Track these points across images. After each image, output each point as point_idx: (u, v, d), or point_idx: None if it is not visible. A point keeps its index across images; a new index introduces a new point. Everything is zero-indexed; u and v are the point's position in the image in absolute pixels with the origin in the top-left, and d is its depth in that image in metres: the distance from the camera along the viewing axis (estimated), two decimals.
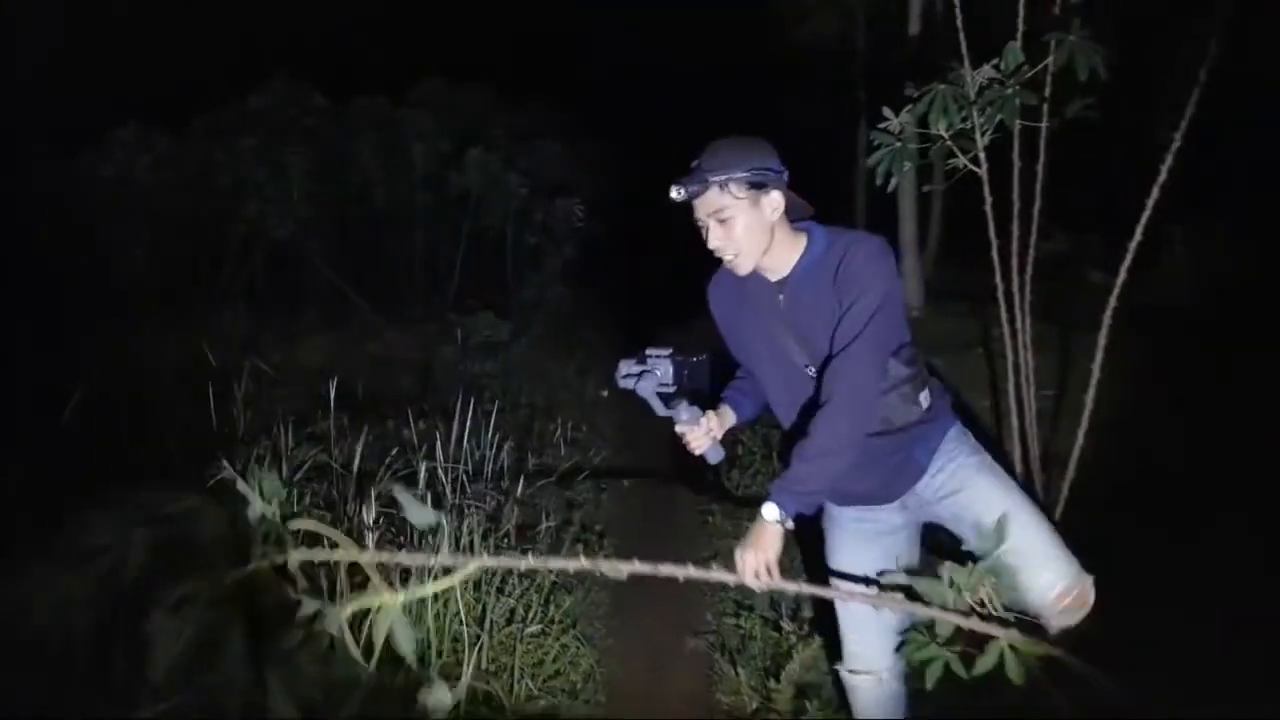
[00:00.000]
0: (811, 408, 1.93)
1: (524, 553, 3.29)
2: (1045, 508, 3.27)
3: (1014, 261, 3.44)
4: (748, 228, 1.91)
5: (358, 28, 12.67)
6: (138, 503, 2.13)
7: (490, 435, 4.12)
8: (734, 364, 2.23)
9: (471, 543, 3.09)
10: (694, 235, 2.00)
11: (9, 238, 7.22)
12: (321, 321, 7.66)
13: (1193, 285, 4.00)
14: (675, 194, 1.90)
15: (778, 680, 2.81)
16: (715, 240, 1.93)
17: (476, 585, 2.91)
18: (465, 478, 3.51)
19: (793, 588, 1.84)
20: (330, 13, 11.98)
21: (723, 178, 1.87)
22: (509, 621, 2.92)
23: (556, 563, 1.73)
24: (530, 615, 2.99)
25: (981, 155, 3.15)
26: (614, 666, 3.06)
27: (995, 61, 3.11)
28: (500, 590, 3.02)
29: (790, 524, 1.84)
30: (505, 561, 1.66)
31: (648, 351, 2.00)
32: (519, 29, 13.68)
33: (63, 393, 4.25)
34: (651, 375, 1.97)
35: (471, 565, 1.40)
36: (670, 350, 2.00)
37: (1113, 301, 3.17)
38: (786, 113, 10.22)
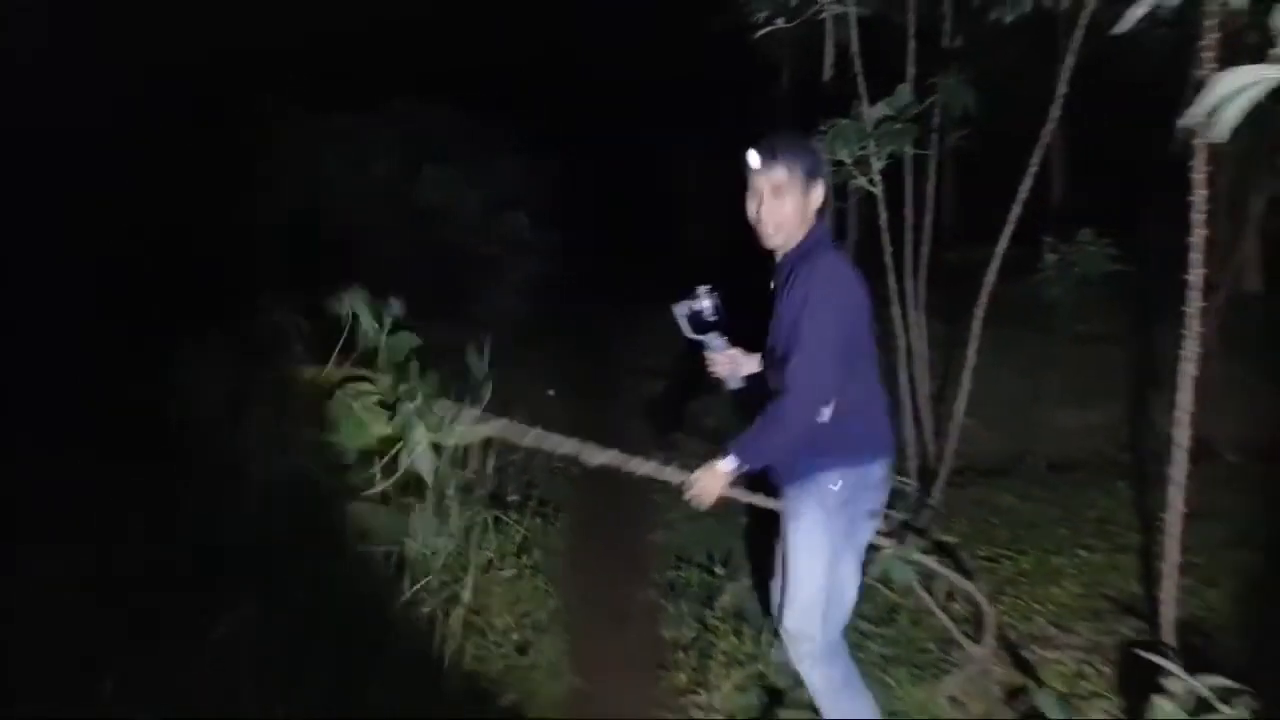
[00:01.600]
0: (776, 378, 2.32)
1: (499, 519, 3.86)
2: (934, 475, 3.94)
3: (908, 267, 4.09)
4: (795, 208, 2.29)
5: (323, 43, 12.81)
6: None
7: None
8: None
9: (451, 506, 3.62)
10: (645, 247, 2.59)
11: None
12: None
13: (1062, 285, 4.71)
14: (753, 160, 2.28)
15: (712, 609, 3.40)
16: (765, 212, 2.29)
17: (467, 535, 3.45)
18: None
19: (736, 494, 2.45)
20: (299, 26, 12.14)
21: (793, 159, 2.28)
22: (488, 568, 3.47)
23: (554, 440, 2.65)
24: (505, 561, 3.54)
25: (877, 178, 3.78)
26: (576, 607, 3.63)
27: (888, 100, 3.77)
28: (480, 545, 3.56)
29: (738, 473, 2.34)
30: (514, 430, 2.26)
31: (697, 289, 2.53)
32: (484, 46, 13.94)
33: None
34: (697, 308, 2.51)
35: (499, 423, 2.09)
36: (712, 288, 2.53)
37: (982, 300, 3.78)
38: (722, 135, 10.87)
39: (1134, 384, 5.03)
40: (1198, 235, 2.42)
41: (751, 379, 2.62)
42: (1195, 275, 2.45)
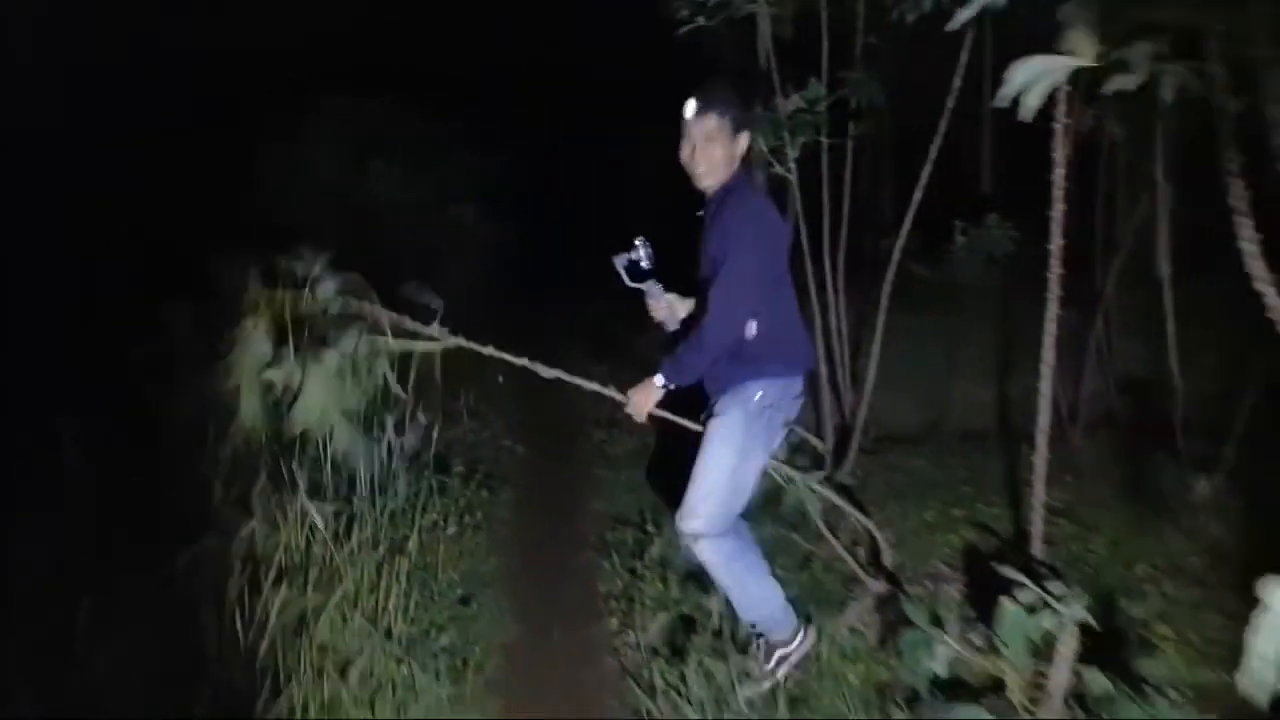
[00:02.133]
0: (699, 309, 2.66)
1: (444, 484, 4.11)
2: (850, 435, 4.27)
3: (825, 249, 4.40)
4: (724, 153, 2.61)
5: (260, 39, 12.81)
6: None
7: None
8: None
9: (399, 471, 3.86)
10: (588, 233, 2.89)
11: None
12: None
13: (970, 267, 5.05)
14: (689, 109, 2.60)
15: (643, 561, 3.69)
16: (698, 155, 2.61)
17: (410, 504, 3.70)
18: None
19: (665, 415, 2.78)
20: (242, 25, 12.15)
21: (724, 109, 2.60)
22: (434, 527, 3.72)
23: (511, 356, 2.85)
24: (448, 520, 3.80)
25: (792, 165, 4.09)
26: (517, 564, 3.89)
27: (800, 92, 4.08)
28: (424, 509, 3.80)
29: (670, 387, 2.66)
30: (473, 345, 2.56)
31: (635, 241, 2.83)
32: (430, 43, 13.98)
33: None
34: (634, 257, 2.82)
35: (451, 341, 2.32)
36: (646, 239, 2.83)
37: (889, 278, 4.09)
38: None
39: (1039, 359, 5.39)
40: (1056, 210, 2.76)
41: (688, 321, 2.90)
42: (1055, 245, 2.80)
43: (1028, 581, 2.29)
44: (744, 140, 2.68)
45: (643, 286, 2.88)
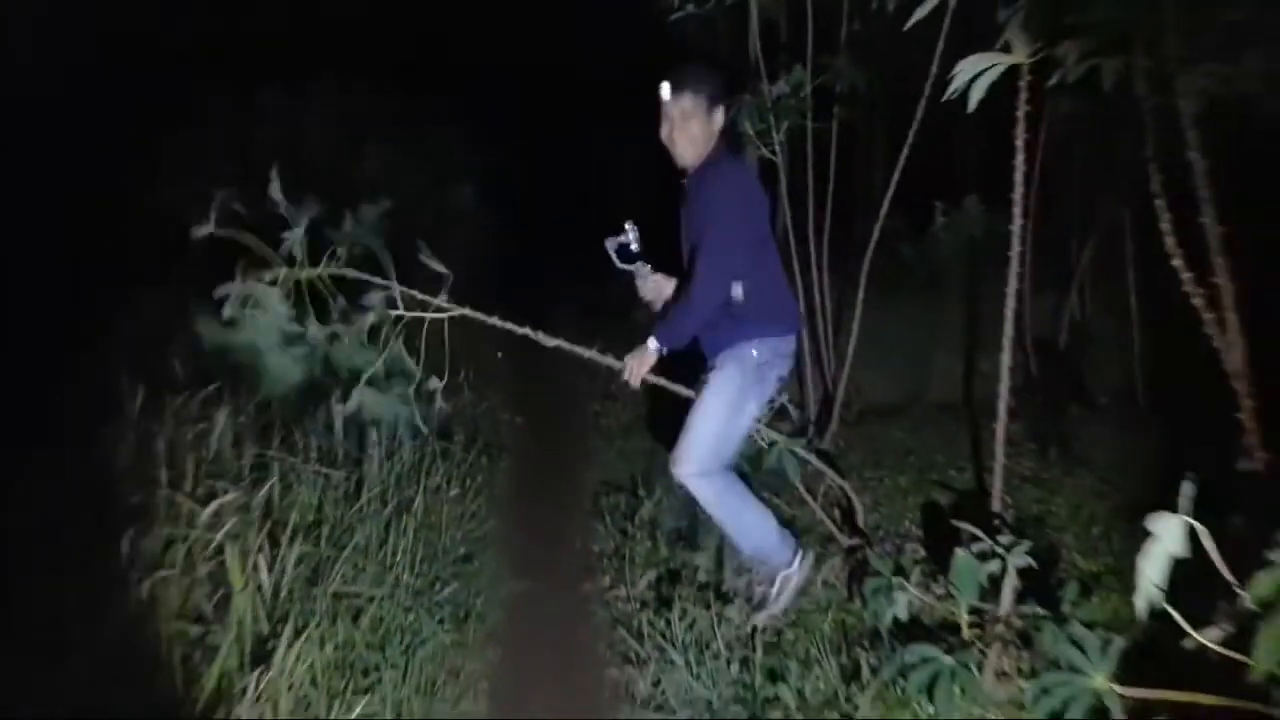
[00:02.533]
0: (687, 279, 2.86)
1: (447, 450, 4.33)
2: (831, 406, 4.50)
3: (811, 229, 4.59)
4: (701, 130, 2.80)
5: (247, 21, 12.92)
6: None
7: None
8: None
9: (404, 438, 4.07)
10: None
11: None
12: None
13: (950, 246, 5.28)
14: (665, 90, 2.78)
15: (634, 523, 3.92)
16: (676, 134, 2.79)
17: (415, 468, 3.93)
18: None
19: (658, 381, 3.00)
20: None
21: (698, 88, 2.80)
22: (437, 490, 3.95)
23: (514, 326, 2.98)
24: (451, 484, 4.03)
25: (778, 148, 4.29)
26: (516, 526, 4.12)
27: (785, 78, 4.27)
28: (428, 472, 4.02)
29: (664, 351, 2.87)
30: (479, 315, 3.00)
31: (625, 225, 3.03)
32: (404, 23, 14.09)
33: None
34: (624, 240, 3.01)
35: (458, 310, 2.53)
36: (635, 223, 3.03)
37: (868, 256, 4.29)
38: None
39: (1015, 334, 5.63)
40: (1017, 193, 2.96)
41: (675, 295, 3.09)
42: (1016, 226, 3.00)
43: (979, 533, 2.52)
44: (720, 116, 2.86)
45: (632, 268, 3.08)
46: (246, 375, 3.09)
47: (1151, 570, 1.46)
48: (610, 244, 3.06)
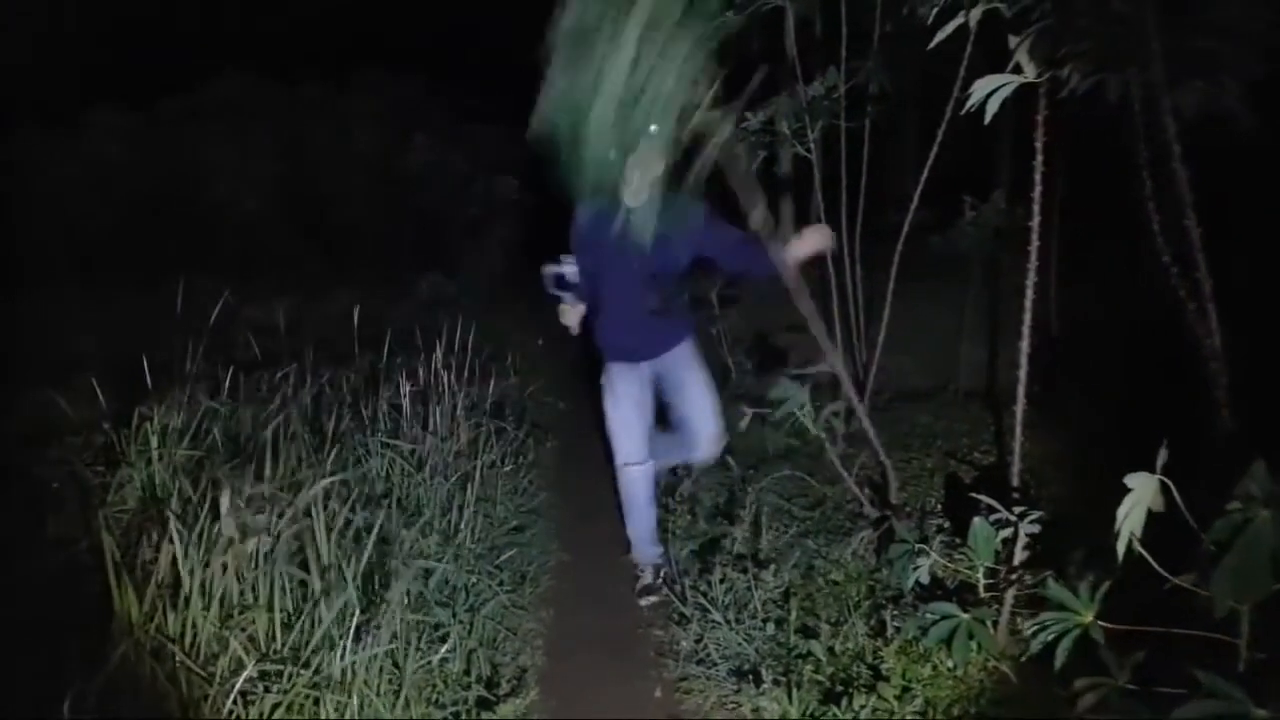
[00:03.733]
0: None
1: (501, 429, 4.63)
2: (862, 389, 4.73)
3: (844, 223, 4.82)
4: None
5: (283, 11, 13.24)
6: None
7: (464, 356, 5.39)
8: None
9: (461, 417, 4.39)
10: None
11: None
12: (284, 285, 8.72)
13: (978, 239, 5.47)
14: None
15: (674, 499, 4.20)
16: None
17: (472, 445, 4.23)
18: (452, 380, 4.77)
19: None
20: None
21: None
22: (492, 466, 4.25)
23: None
24: (504, 460, 4.34)
25: (812, 146, 4.52)
26: (563, 501, 4.42)
27: (820, 80, 4.51)
28: (484, 449, 4.33)
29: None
30: None
31: (562, 257, 3.42)
32: (442, 13, 14.36)
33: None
34: (560, 271, 3.39)
35: None
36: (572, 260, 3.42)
37: (899, 250, 4.51)
38: None
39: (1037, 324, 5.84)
40: (1036, 191, 3.20)
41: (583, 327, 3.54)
42: (1034, 222, 3.24)
43: (996, 504, 2.77)
44: None
45: (562, 295, 3.41)
46: None
47: (1130, 521, 1.71)
48: (548, 270, 3.40)
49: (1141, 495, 1.66)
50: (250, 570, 2.72)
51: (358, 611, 2.65)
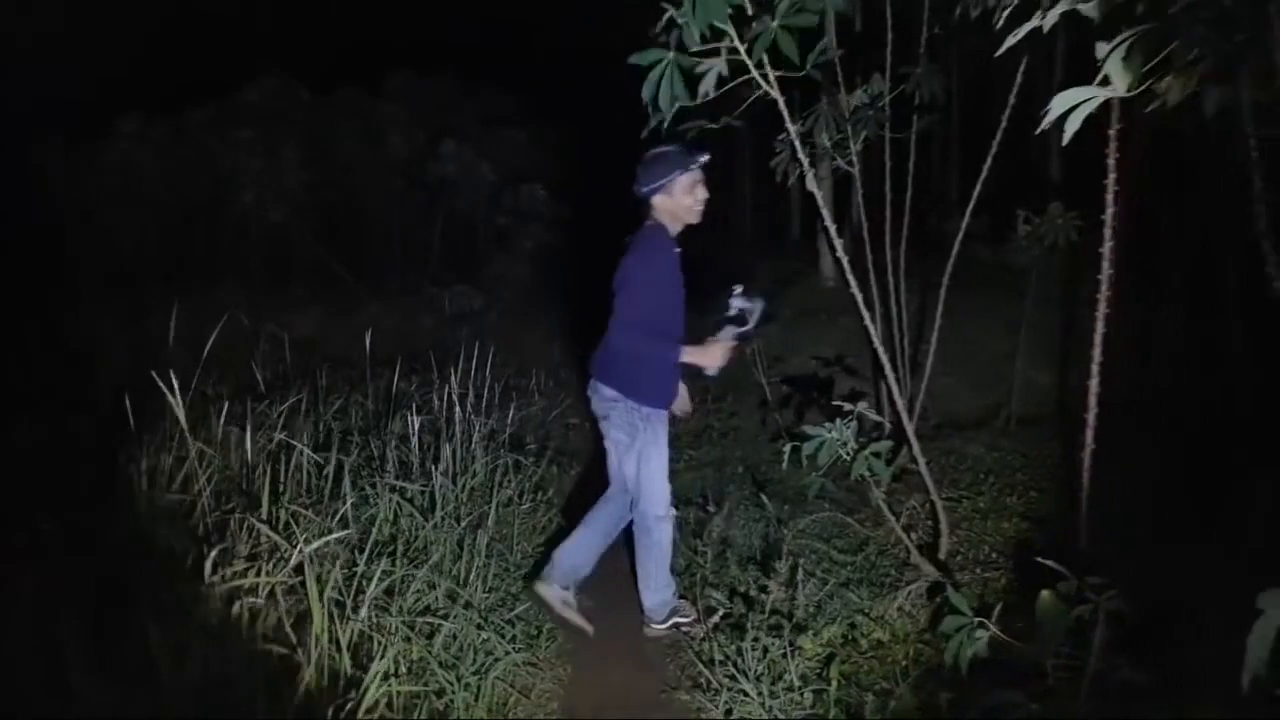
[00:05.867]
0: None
1: (519, 462, 4.35)
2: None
3: (887, 237, 4.50)
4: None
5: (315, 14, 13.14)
6: None
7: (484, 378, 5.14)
8: None
9: (477, 450, 4.12)
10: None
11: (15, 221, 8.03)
12: (310, 296, 8.56)
13: (1030, 253, 5.10)
14: (705, 159, 3.10)
15: (703, 540, 3.90)
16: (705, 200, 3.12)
17: (488, 481, 3.96)
18: (471, 406, 4.51)
19: None
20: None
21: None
22: (509, 503, 3.97)
23: None
24: (523, 497, 4.06)
25: (855, 159, 4.20)
26: None
27: (864, 88, 4.18)
28: (501, 485, 4.05)
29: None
30: None
31: (734, 288, 3.23)
32: (474, 15, 14.19)
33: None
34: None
35: None
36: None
37: (948, 270, 4.18)
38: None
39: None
40: (1109, 214, 2.86)
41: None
42: (1108, 247, 2.90)
43: (1067, 573, 2.43)
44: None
45: (744, 334, 3.20)
46: None
47: (1259, 647, 1.38)
48: (737, 306, 3.22)
49: (1274, 619, 1.33)
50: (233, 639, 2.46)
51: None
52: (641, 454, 3.24)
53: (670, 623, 3.44)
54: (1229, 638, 1.45)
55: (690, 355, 3.09)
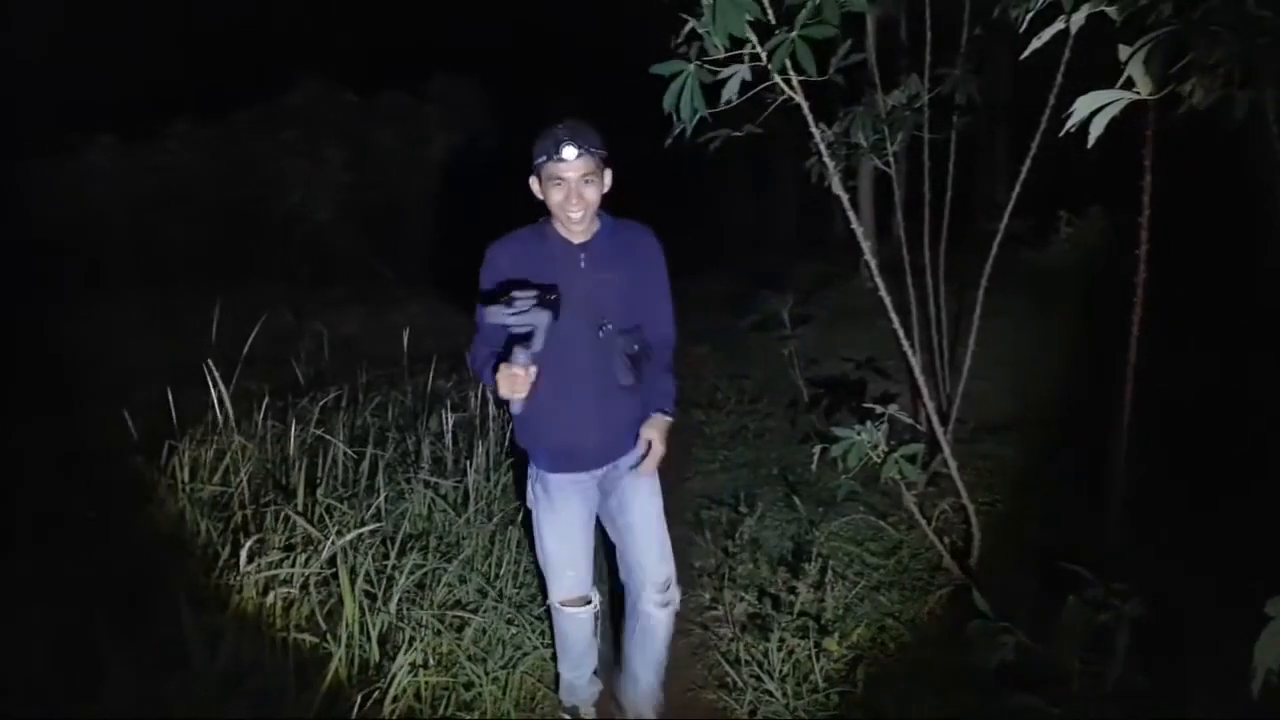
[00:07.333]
0: (608, 352, 2.43)
1: None
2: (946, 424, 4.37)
3: (926, 239, 4.46)
4: (597, 194, 2.35)
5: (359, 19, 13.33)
6: None
7: None
8: None
9: (510, 447, 4.17)
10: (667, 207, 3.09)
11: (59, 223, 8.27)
12: (351, 294, 8.70)
13: (1071, 255, 5.05)
14: (569, 152, 2.24)
15: (734, 541, 3.91)
16: (577, 199, 2.29)
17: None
18: None
19: None
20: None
21: (597, 148, 2.30)
22: None
23: None
24: None
25: (891, 159, 4.18)
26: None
27: (901, 89, 4.16)
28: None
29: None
30: None
31: (515, 295, 2.19)
32: (508, 18, 14.27)
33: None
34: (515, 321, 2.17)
35: None
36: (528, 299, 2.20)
37: (986, 272, 4.13)
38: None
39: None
40: (1145, 216, 2.83)
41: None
42: (1143, 250, 2.87)
43: (1093, 579, 2.42)
44: (609, 177, 2.42)
45: (514, 355, 2.19)
46: None
47: (1268, 655, 1.37)
48: (495, 316, 2.20)
49: None
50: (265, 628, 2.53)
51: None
52: (537, 522, 2.61)
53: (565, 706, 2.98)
54: (1244, 643, 1.43)
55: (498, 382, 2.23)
